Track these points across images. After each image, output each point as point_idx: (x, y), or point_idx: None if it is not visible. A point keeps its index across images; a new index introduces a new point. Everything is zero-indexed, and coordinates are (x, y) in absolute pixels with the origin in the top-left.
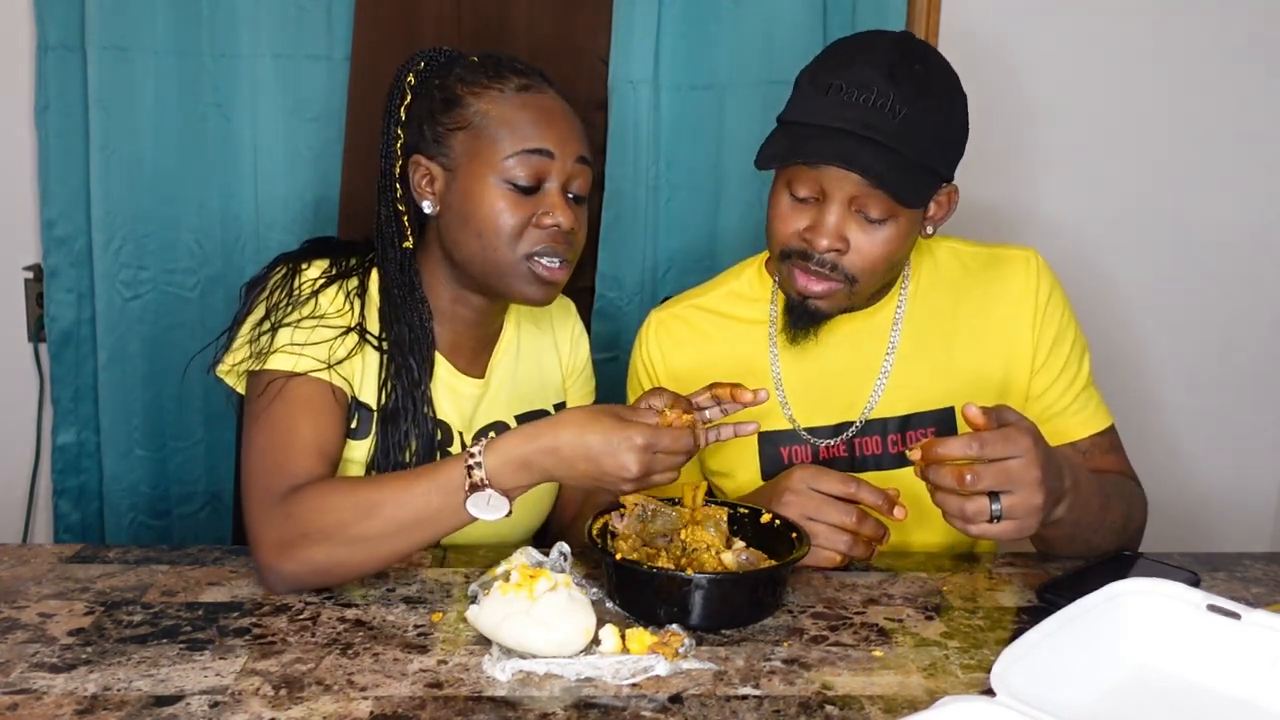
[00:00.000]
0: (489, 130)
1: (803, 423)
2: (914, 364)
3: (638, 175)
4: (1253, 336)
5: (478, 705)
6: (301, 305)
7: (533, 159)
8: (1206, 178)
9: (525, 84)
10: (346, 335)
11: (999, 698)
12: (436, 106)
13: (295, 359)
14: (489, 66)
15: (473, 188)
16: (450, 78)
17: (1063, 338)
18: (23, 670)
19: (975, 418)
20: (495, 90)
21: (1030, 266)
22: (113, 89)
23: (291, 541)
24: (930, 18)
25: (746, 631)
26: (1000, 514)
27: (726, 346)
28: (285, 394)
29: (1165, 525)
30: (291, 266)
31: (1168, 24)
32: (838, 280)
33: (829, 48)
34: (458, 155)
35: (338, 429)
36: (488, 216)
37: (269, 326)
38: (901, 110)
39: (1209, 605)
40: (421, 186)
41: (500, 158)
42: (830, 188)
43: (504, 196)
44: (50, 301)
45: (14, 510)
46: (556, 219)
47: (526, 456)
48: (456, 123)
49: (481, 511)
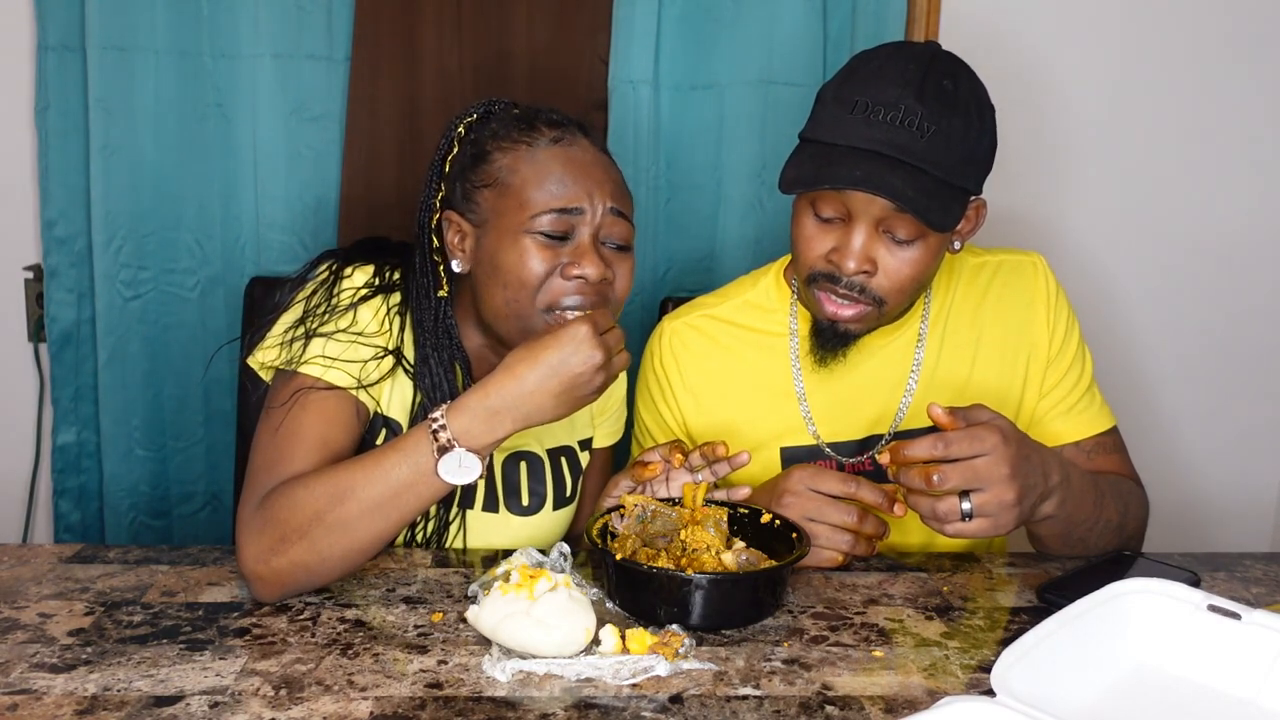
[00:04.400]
0: (515, 187)
1: (826, 438)
2: (939, 376)
3: (638, 175)
4: (1253, 337)
5: (478, 705)
6: (340, 316)
7: (561, 217)
8: (1207, 179)
9: (557, 136)
10: (382, 358)
11: (999, 698)
12: (467, 163)
13: (325, 369)
14: (523, 120)
15: (500, 244)
16: (485, 131)
17: (1070, 337)
18: (23, 670)
19: (939, 417)
20: (524, 145)
21: (1039, 271)
22: (113, 89)
23: (272, 547)
24: (930, 18)
25: (746, 631)
26: (971, 512)
27: (745, 360)
28: (305, 402)
29: (1165, 525)
30: (336, 269)
31: (1168, 24)
32: (866, 303)
33: (853, 63)
34: (485, 212)
35: (348, 442)
36: (514, 268)
37: (303, 332)
38: (930, 129)
39: (1209, 605)
40: (453, 244)
41: (527, 215)
42: (856, 209)
43: (532, 247)
44: (50, 301)
45: (14, 510)
46: (584, 269)
47: (492, 406)
48: (484, 180)
49: (453, 475)
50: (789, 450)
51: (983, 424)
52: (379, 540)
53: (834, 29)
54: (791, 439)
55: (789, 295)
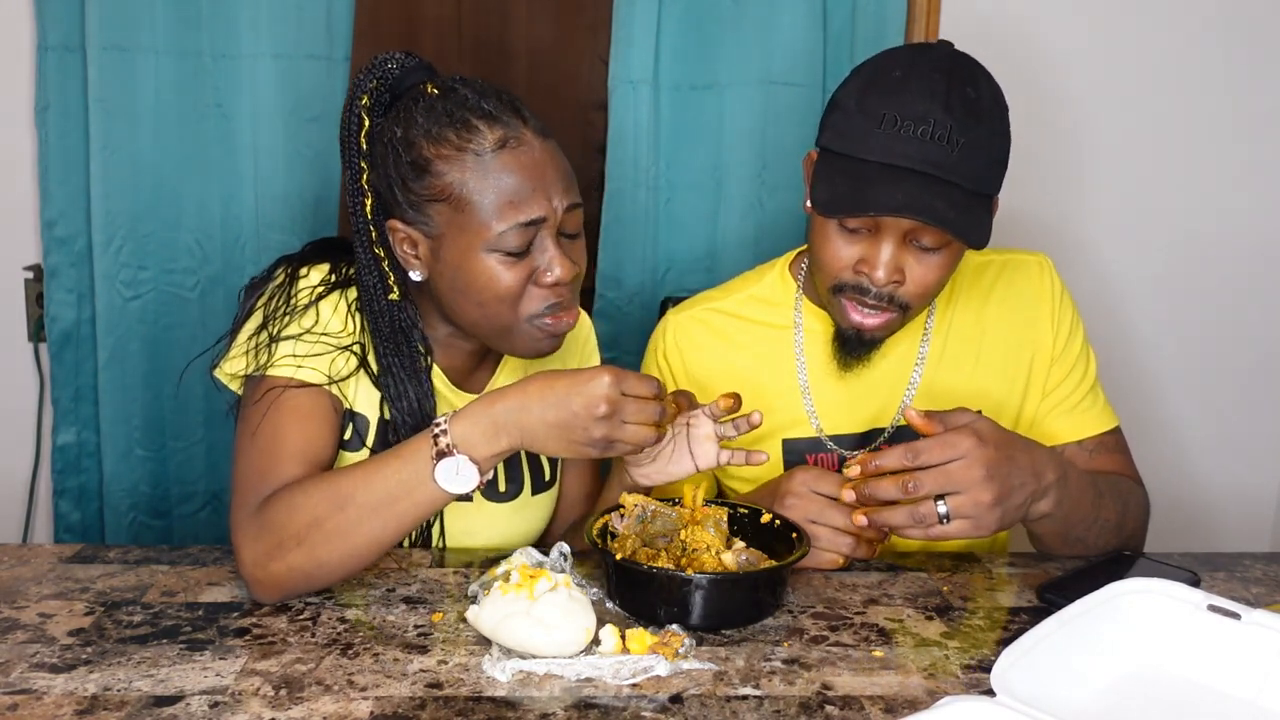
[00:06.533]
0: (471, 204)
1: (829, 430)
2: (943, 372)
3: (638, 175)
4: (1253, 336)
5: (478, 705)
6: (301, 316)
7: (525, 230)
8: (1207, 178)
9: (501, 137)
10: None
11: (999, 698)
12: (406, 172)
13: (296, 369)
14: (455, 118)
15: (463, 261)
16: (414, 130)
17: (1074, 337)
18: (23, 670)
19: (914, 419)
20: (470, 154)
21: (1044, 270)
22: (113, 89)
23: (269, 552)
24: (930, 18)
25: (746, 631)
26: (948, 514)
27: (751, 352)
28: (281, 403)
29: (1165, 525)
30: (291, 271)
31: (1169, 24)
32: (893, 311)
33: (870, 70)
34: (440, 225)
35: (331, 438)
36: (486, 286)
37: (266, 338)
38: (959, 141)
39: (1209, 605)
40: (406, 253)
41: (489, 232)
42: (885, 221)
43: (499, 265)
44: (50, 301)
45: (14, 510)
46: (557, 275)
47: (494, 417)
48: (433, 193)
49: (450, 482)
50: (791, 442)
51: (956, 429)
52: (377, 547)
53: (834, 29)
54: (794, 432)
55: (794, 289)
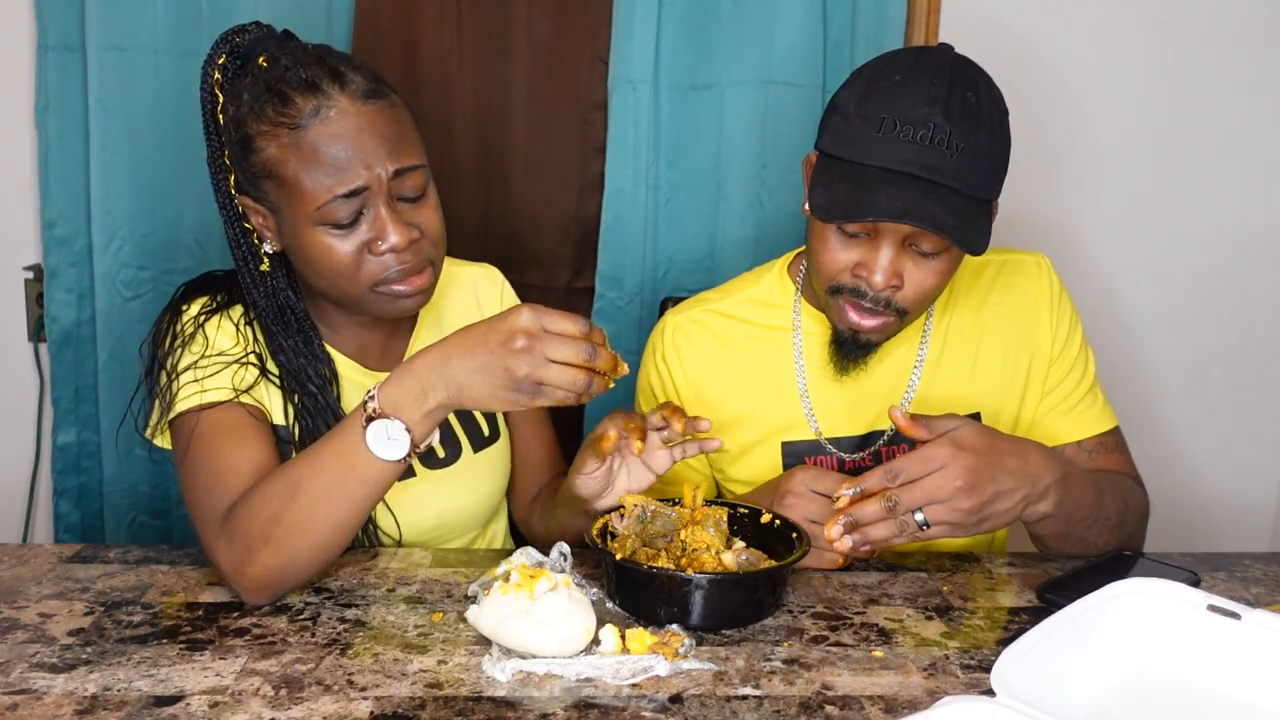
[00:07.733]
0: (290, 180)
1: (828, 433)
2: (941, 374)
3: (638, 175)
4: (1253, 336)
5: (478, 705)
6: (191, 343)
7: (346, 202)
8: (1206, 178)
9: (315, 107)
10: (245, 366)
11: (999, 698)
12: (236, 150)
13: (200, 393)
14: (273, 91)
15: (296, 235)
16: (241, 106)
17: (1072, 337)
18: (23, 670)
19: (899, 420)
20: (285, 129)
21: (1043, 270)
22: (113, 89)
23: (242, 558)
24: (930, 18)
25: (746, 631)
26: (926, 522)
27: (750, 354)
28: (201, 430)
29: (1165, 525)
30: (172, 312)
31: (1169, 24)
32: (890, 315)
33: (869, 74)
34: (274, 201)
35: (266, 443)
36: (321, 259)
37: (165, 379)
38: (960, 146)
39: (1209, 605)
40: (260, 225)
41: (312, 208)
42: (884, 226)
43: (328, 238)
44: (50, 301)
45: (14, 510)
46: (392, 243)
47: (419, 375)
48: (259, 170)
49: (383, 448)
50: (790, 445)
51: (933, 441)
52: (338, 532)
53: (834, 29)
54: (793, 434)
55: (793, 291)
